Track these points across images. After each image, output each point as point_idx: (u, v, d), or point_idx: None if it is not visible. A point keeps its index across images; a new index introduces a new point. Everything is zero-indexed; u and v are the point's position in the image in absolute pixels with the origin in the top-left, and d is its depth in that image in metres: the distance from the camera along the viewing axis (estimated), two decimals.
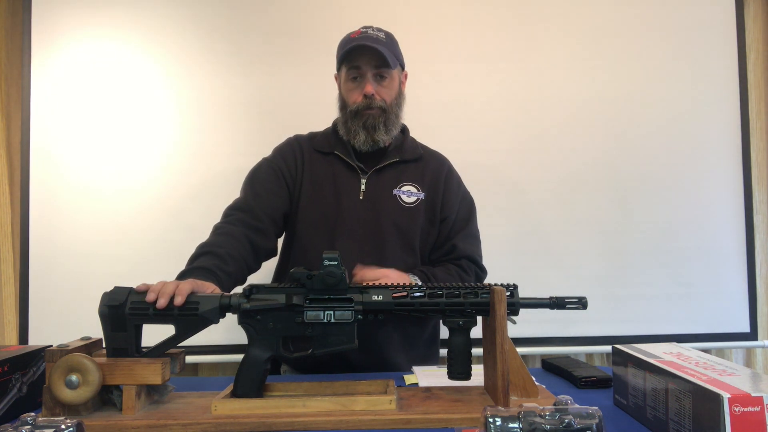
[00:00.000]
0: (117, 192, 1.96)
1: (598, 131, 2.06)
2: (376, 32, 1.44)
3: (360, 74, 1.43)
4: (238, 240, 1.32)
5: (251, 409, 0.93)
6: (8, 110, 2.01)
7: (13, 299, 1.96)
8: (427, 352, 1.52)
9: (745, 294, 2.06)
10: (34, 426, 0.65)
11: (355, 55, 1.41)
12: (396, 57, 1.46)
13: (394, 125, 1.47)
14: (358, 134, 1.43)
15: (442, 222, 1.49)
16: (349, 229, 1.41)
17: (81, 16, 1.99)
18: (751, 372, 0.83)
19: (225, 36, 2.02)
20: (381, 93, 1.43)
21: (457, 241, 1.47)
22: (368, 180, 1.45)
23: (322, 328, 0.98)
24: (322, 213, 1.44)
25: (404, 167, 1.49)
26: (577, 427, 0.63)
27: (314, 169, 1.47)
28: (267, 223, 1.40)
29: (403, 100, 1.51)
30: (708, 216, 2.07)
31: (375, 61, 1.41)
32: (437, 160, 1.56)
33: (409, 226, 1.44)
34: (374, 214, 1.42)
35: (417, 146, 1.55)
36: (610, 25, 2.08)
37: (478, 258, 1.51)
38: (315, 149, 1.50)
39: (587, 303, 1.00)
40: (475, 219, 1.55)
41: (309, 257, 1.40)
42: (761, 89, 2.17)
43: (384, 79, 1.43)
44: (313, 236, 1.43)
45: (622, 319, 2.02)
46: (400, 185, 1.46)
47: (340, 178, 1.46)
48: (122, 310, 0.96)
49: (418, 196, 1.46)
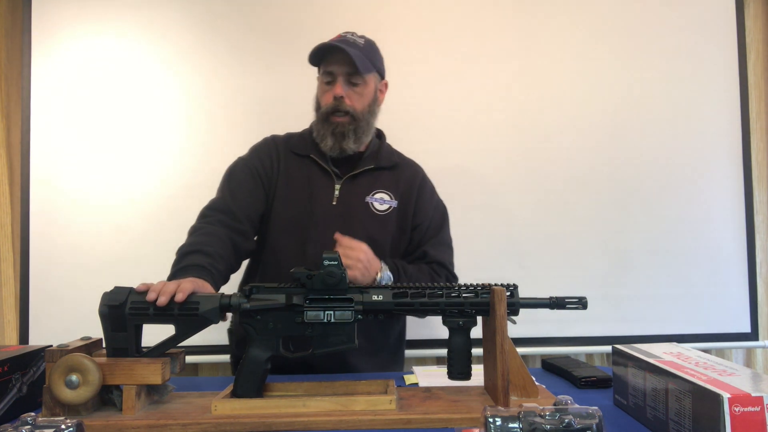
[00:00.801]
0: (117, 192, 1.96)
1: (598, 131, 2.06)
2: (356, 37, 1.44)
3: (333, 76, 1.42)
4: (222, 240, 1.31)
5: (251, 409, 0.93)
6: (8, 110, 2.01)
7: (13, 299, 1.96)
8: (392, 358, 1.51)
9: (745, 294, 2.06)
10: (34, 426, 0.65)
11: (329, 59, 1.41)
12: (372, 64, 1.44)
13: (366, 133, 1.46)
14: (326, 139, 1.43)
15: (414, 230, 1.49)
16: (321, 234, 1.40)
17: (81, 15, 1.99)
18: (751, 372, 0.83)
19: (225, 36, 2.02)
20: (352, 98, 1.42)
21: (428, 248, 1.47)
22: (342, 185, 1.45)
23: (322, 328, 0.98)
24: (294, 216, 1.43)
25: (378, 174, 1.48)
26: (577, 427, 0.63)
27: (290, 170, 1.47)
28: (246, 225, 1.39)
29: (377, 108, 1.50)
30: (708, 216, 2.07)
31: (347, 65, 1.40)
32: (412, 168, 1.55)
33: (380, 233, 1.44)
34: (346, 220, 1.42)
35: (393, 153, 1.55)
36: (610, 26, 2.08)
37: (450, 264, 1.51)
38: (291, 150, 1.49)
39: (587, 303, 1.00)
40: (447, 227, 1.55)
41: (279, 259, 1.41)
42: (761, 89, 2.17)
43: (356, 85, 1.42)
44: (285, 238, 1.42)
45: (622, 319, 2.02)
46: (373, 192, 1.46)
47: (314, 181, 1.45)
48: (122, 310, 0.96)
49: (390, 204, 1.46)
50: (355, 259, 1.24)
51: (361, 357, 1.40)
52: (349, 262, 1.23)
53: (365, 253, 1.27)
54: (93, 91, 1.98)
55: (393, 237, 1.46)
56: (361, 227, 1.42)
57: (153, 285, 1.00)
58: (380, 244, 1.43)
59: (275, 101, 2.01)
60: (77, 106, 1.97)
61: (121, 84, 1.99)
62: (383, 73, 1.52)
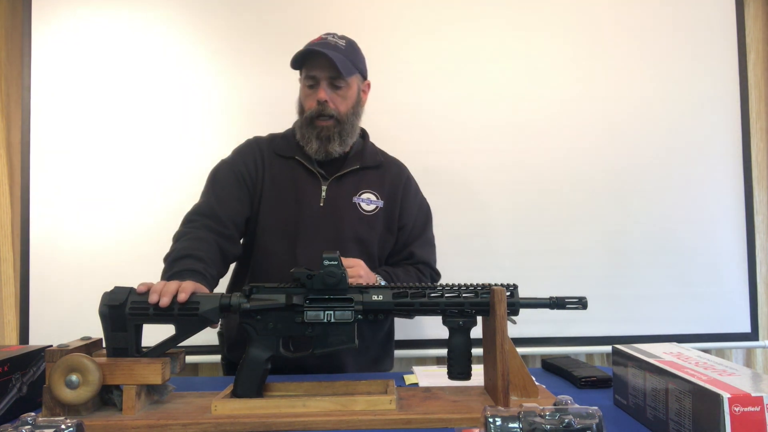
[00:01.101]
0: (117, 192, 1.96)
1: (598, 131, 2.06)
2: (337, 39, 1.43)
3: (315, 81, 1.41)
4: (211, 245, 1.31)
5: (251, 409, 0.93)
6: (8, 110, 2.01)
7: (13, 299, 1.96)
8: (381, 355, 1.52)
9: (745, 294, 2.06)
10: (34, 426, 0.65)
11: (311, 62, 1.40)
12: (355, 65, 1.43)
13: (350, 135, 1.46)
14: (311, 143, 1.42)
15: (400, 230, 1.50)
16: (309, 237, 1.40)
17: (81, 16, 1.99)
18: (751, 372, 0.83)
19: (225, 37, 2.02)
20: (336, 101, 1.42)
21: (414, 248, 1.49)
22: (329, 187, 1.44)
23: (322, 328, 0.98)
24: (282, 219, 1.43)
25: (364, 174, 1.48)
26: (577, 427, 0.63)
27: (275, 172, 1.46)
28: (232, 229, 1.39)
29: (361, 109, 1.49)
30: (708, 216, 2.07)
31: (329, 69, 1.39)
32: (397, 167, 1.56)
33: (368, 234, 1.44)
34: (334, 221, 1.42)
35: (377, 152, 1.55)
36: (610, 25, 2.08)
37: (433, 263, 1.54)
38: (275, 152, 1.48)
39: (587, 303, 1.00)
40: (431, 226, 1.57)
41: (269, 262, 1.41)
42: (761, 89, 2.17)
43: (339, 88, 1.42)
44: (275, 242, 1.42)
45: (622, 319, 2.02)
46: (360, 192, 1.46)
47: (301, 183, 1.44)
48: (122, 310, 0.96)
49: (377, 204, 1.47)
50: (356, 276, 1.25)
51: (349, 355, 1.40)
52: (351, 281, 1.23)
53: (363, 269, 1.28)
54: (93, 91, 1.98)
55: (380, 237, 1.47)
56: (350, 228, 1.42)
57: (153, 285, 1.00)
58: (368, 245, 1.44)
59: (276, 102, 2.00)
60: (77, 106, 1.97)
61: (121, 84, 1.99)
62: (365, 74, 1.51)
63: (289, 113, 1.88)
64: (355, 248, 1.42)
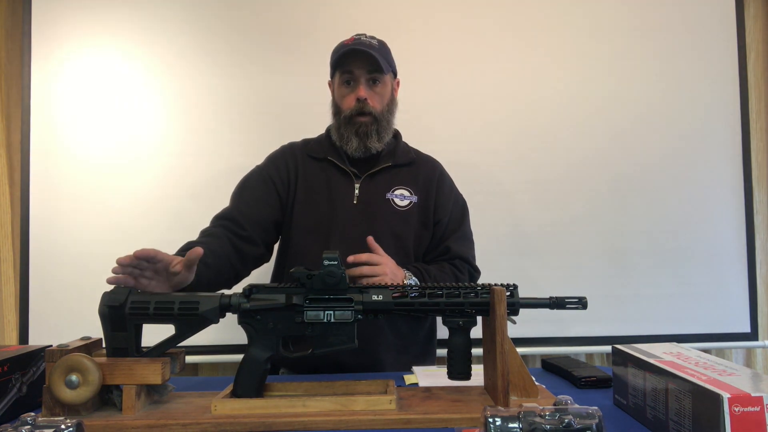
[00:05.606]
0: (117, 192, 1.96)
1: (597, 131, 2.06)
2: (369, 39, 1.45)
3: (353, 78, 1.44)
4: (220, 239, 1.33)
5: (251, 409, 0.93)
6: (8, 110, 2.01)
7: (13, 299, 1.96)
8: (423, 352, 1.51)
9: (745, 294, 2.06)
10: (34, 426, 0.65)
11: (349, 61, 1.42)
12: (388, 63, 1.46)
13: (387, 132, 1.48)
14: (351, 141, 1.44)
15: (435, 225, 1.50)
16: (344, 234, 1.41)
17: (81, 15, 1.99)
18: (751, 372, 0.83)
19: (225, 36, 2.02)
20: (373, 99, 1.44)
21: (450, 243, 1.48)
22: (362, 185, 1.46)
23: (322, 328, 0.98)
24: (316, 219, 1.44)
25: (397, 171, 1.49)
26: (577, 427, 0.63)
27: (308, 175, 1.48)
28: (251, 231, 1.40)
29: (395, 107, 1.52)
30: (708, 216, 2.07)
31: (368, 66, 1.42)
32: (429, 163, 1.57)
33: (403, 229, 1.45)
34: (368, 218, 1.43)
35: (409, 150, 1.57)
36: (610, 25, 2.08)
37: (472, 258, 1.52)
38: (309, 155, 1.51)
39: (587, 303, 1.00)
40: (467, 221, 1.56)
41: (304, 263, 1.40)
42: (761, 89, 2.17)
43: (376, 84, 1.45)
44: (308, 242, 1.43)
45: (622, 319, 2.02)
46: (393, 189, 1.47)
47: (333, 183, 1.46)
48: (122, 310, 0.96)
49: (411, 199, 1.47)
50: (382, 274, 1.25)
51: (391, 353, 1.41)
52: (375, 280, 1.23)
53: (389, 267, 1.28)
54: (93, 91, 1.98)
55: (416, 232, 1.47)
56: (384, 224, 1.43)
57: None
58: (403, 240, 1.44)
59: (276, 102, 2.01)
60: (77, 107, 1.97)
61: (121, 84, 1.99)
62: (396, 72, 1.55)
63: (289, 112, 1.88)
64: (391, 243, 1.41)
